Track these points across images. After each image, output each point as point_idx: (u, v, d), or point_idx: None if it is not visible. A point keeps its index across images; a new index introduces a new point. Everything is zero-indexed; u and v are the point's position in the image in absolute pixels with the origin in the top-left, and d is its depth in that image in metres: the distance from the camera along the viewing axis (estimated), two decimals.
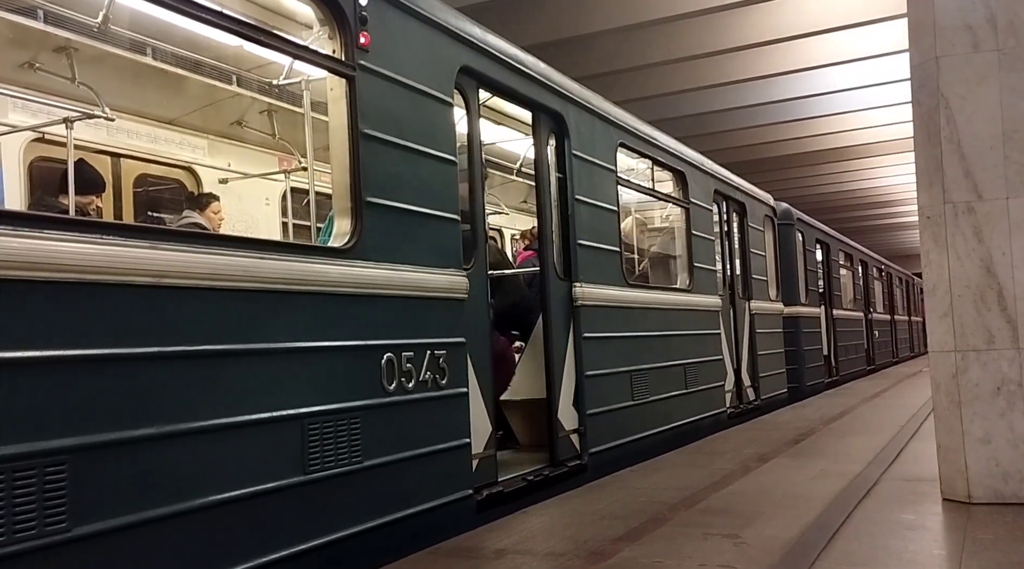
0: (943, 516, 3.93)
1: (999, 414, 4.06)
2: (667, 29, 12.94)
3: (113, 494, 2.58)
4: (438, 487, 4.04)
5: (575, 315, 5.55)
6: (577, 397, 5.52)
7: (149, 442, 2.70)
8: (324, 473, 3.37)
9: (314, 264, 3.44)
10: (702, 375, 7.72)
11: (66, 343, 2.49)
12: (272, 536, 3.13)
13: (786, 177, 23.85)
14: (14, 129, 5.29)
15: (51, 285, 2.45)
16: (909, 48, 4.38)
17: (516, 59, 5.15)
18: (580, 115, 5.86)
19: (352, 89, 3.70)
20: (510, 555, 3.52)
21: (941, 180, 4.16)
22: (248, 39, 3.52)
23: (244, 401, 3.07)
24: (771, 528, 3.76)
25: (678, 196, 7.88)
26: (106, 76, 5.29)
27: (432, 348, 4.05)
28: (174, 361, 2.82)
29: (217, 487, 2.92)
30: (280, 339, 3.25)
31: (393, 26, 4.00)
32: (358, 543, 3.48)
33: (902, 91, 14.74)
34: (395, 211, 3.91)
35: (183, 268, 2.85)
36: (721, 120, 17.78)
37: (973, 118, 4.13)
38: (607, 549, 3.55)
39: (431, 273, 4.10)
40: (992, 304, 4.08)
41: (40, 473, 2.37)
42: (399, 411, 3.82)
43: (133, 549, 2.63)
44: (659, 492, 4.71)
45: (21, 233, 2.38)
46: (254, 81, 6.10)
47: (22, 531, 2.31)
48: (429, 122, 4.23)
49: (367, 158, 3.74)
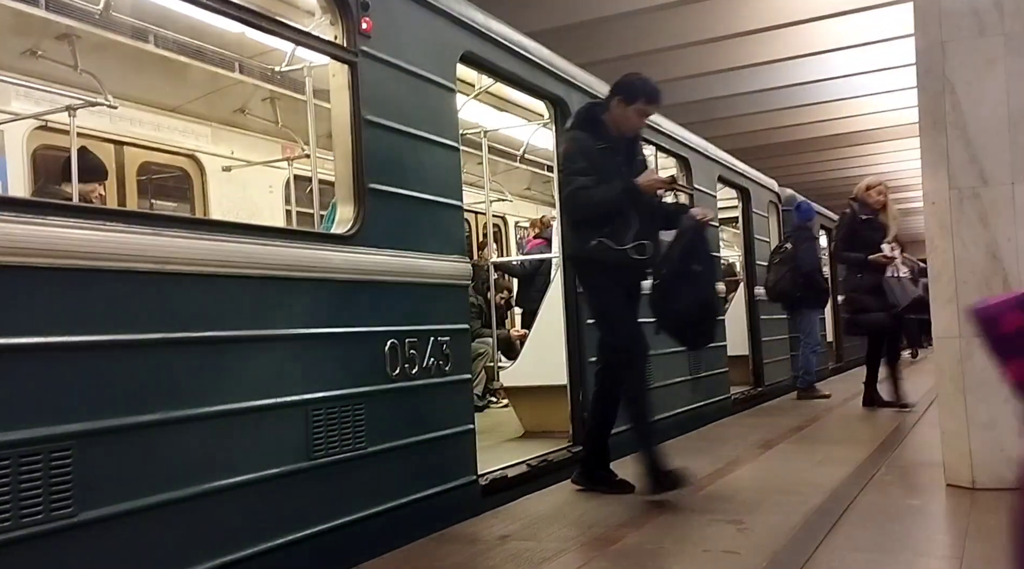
0: (947, 501, 3.93)
1: (1004, 400, 4.04)
2: (672, 15, 12.86)
3: (118, 479, 2.59)
4: (442, 473, 4.05)
5: (579, 301, 5.55)
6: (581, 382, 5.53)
7: (153, 428, 2.71)
8: (328, 459, 3.38)
9: (317, 251, 3.44)
10: (706, 362, 7.71)
11: (70, 330, 2.49)
12: (277, 522, 3.14)
13: (791, 163, 23.73)
14: (17, 117, 5.30)
15: (55, 272, 2.46)
16: (915, 33, 4.35)
17: (519, 45, 5.12)
18: (583, 101, 5.82)
19: (354, 75, 3.69)
20: (514, 541, 3.53)
21: (946, 166, 4.14)
22: (250, 26, 3.50)
23: (248, 388, 3.07)
24: (775, 514, 3.76)
25: (682, 182, 7.86)
26: (109, 64, 5.28)
27: (436, 334, 4.06)
28: (178, 348, 2.83)
29: (222, 473, 2.93)
30: (283, 326, 3.25)
31: (395, 12, 3.98)
32: (362, 529, 3.50)
33: (908, 76, 14.61)
34: (398, 198, 3.91)
35: (186, 255, 2.85)
36: (725, 106, 17.68)
37: (979, 103, 4.10)
38: (611, 535, 3.55)
39: (434, 259, 4.10)
40: (997, 290, 4.05)
41: (46, 458, 2.38)
42: (403, 397, 3.83)
43: (138, 534, 2.65)
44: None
45: (24, 220, 2.38)
46: (256, 68, 6.10)
47: (28, 516, 2.33)
48: (431, 108, 4.22)
49: (369, 145, 3.73)
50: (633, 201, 4.15)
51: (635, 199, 4.16)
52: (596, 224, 4.18)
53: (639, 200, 4.17)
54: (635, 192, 4.14)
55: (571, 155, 4.31)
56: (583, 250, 4.28)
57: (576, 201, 4.24)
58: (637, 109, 4.25)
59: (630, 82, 4.29)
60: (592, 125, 4.32)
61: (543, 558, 3.25)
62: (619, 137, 4.29)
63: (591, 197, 4.15)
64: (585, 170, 4.18)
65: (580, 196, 4.19)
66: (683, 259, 4.31)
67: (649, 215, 4.25)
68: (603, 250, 4.15)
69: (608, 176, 4.16)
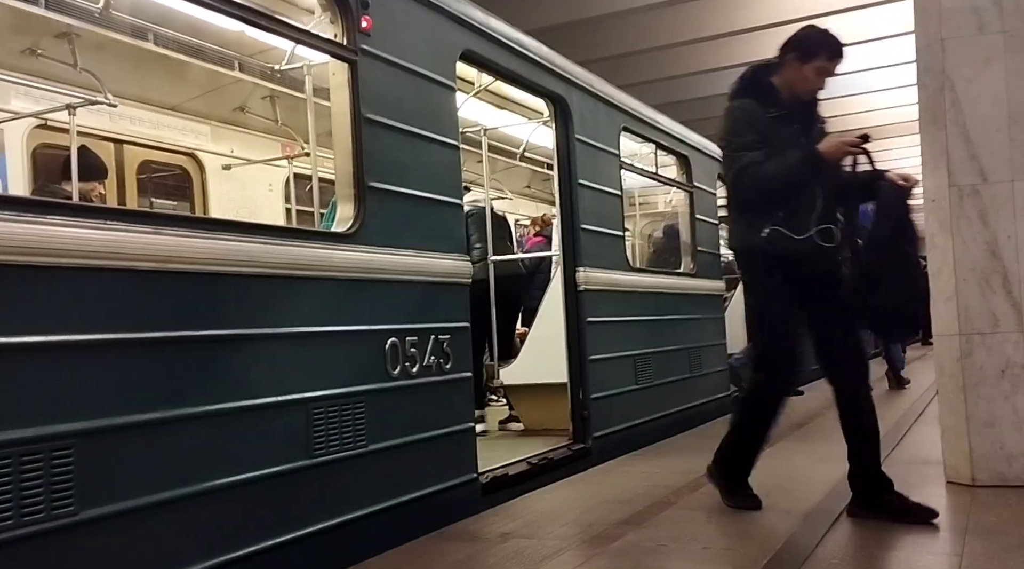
0: (947, 499, 3.93)
1: (1004, 397, 4.06)
2: (671, 12, 12.86)
3: (119, 478, 2.59)
4: (443, 471, 4.05)
5: (579, 299, 5.55)
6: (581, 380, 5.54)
7: (154, 427, 2.71)
8: (329, 457, 3.38)
9: (317, 249, 3.44)
10: (706, 359, 7.72)
11: (70, 329, 2.49)
12: (277, 520, 3.15)
13: None
14: (17, 116, 5.29)
15: (55, 271, 2.46)
16: (914, 30, 4.35)
17: (518, 43, 5.12)
18: (583, 99, 5.84)
19: (354, 74, 3.69)
20: (514, 539, 3.53)
21: (946, 163, 4.14)
22: (250, 24, 3.50)
23: (248, 386, 3.07)
24: (775, 511, 3.76)
25: (681, 180, 7.86)
26: (108, 62, 5.28)
27: (436, 333, 4.06)
28: (178, 346, 2.83)
29: (222, 472, 2.93)
30: (283, 324, 3.25)
31: (395, 10, 3.98)
32: (363, 527, 3.50)
33: (907, 73, 14.62)
34: (398, 196, 3.91)
35: (186, 253, 2.85)
36: (725, 104, 17.68)
37: (979, 100, 4.10)
38: (611, 533, 3.56)
39: (434, 258, 4.10)
40: (997, 287, 4.06)
41: (47, 457, 2.38)
42: (403, 395, 3.83)
43: (139, 532, 2.65)
44: (663, 476, 4.72)
45: (24, 219, 2.38)
46: (256, 67, 6.09)
47: (29, 514, 2.33)
48: (431, 106, 4.22)
49: (369, 143, 3.73)
50: (815, 173, 3.50)
51: (818, 171, 3.49)
52: (769, 207, 3.55)
53: (823, 172, 3.51)
54: (818, 161, 3.47)
55: (736, 128, 3.69)
56: (751, 241, 3.66)
57: (745, 180, 3.59)
58: (817, 67, 3.62)
59: (806, 36, 3.69)
60: (760, 91, 3.72)
61: (543, 556, 3.25)
62: (794, 102, 3.67)
63: (762, 174, 3.52)
64: (754, 144, 3.57)
65: (749, 174, 3.55)
66: (892, 241, 3.49)
67: (837, 190, 3.57)
68: (777, 241, 3.53)
69: (784, 149, 3.55)
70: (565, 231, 5.61)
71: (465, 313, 4.31)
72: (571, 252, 5.58)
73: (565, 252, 5.60)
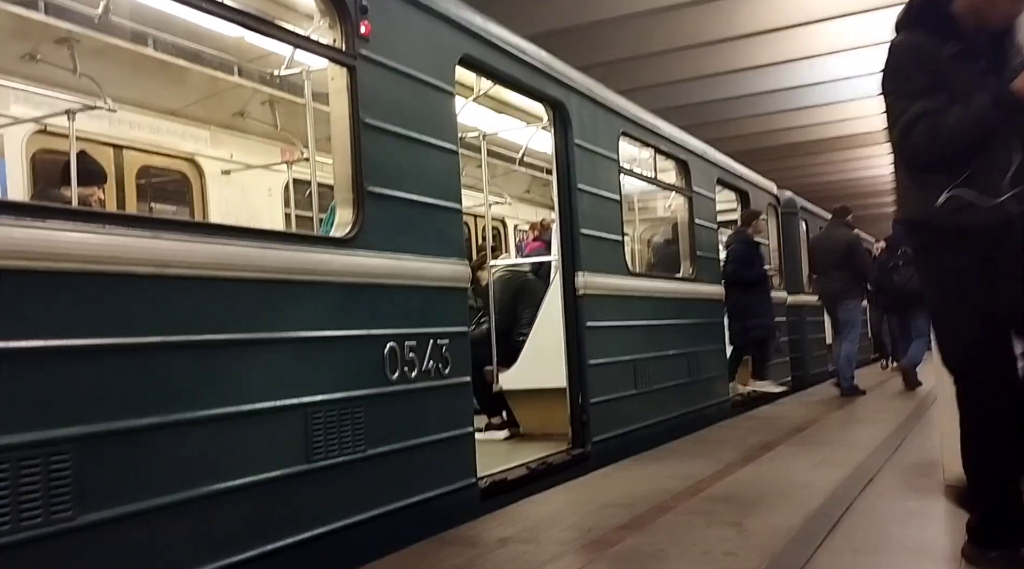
0: (946, 503, 3.93)
1: None
2: (671, 18, 12.89)
3: (117, 483, 2.59)
4: (441, 475, 4.05)
5: (578, 304, 5.55)
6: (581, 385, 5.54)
7: (152, 431, 2.71)
8: (328, 462, 3.38)
9: (316, 254, 3.44)
10: (705, 364, 7.72)
11: (69, 333, 2.49)
12: (276, 525, 3.14)
13: (790, 165, 23.76)
14: (16, 121, 5.30)
15: (54, 275, 2.46)
16: None
17: (517, 48, 5.13)
18: (582, 104, 5.85)
19: (353, 79, 3.70)
20: (513, 544, 3.53)
21: None
22: (249, 29, 3.52)
23: (247, 391, 3.07)
24: (774, 516, 3.77)
25: (680, 185, 7.87)
26: (108, 67, 5.28)
27: (435, 337, 4.06)
28: (176, 351, 2.83)
29: (221, 476, 2.93)
30: (282, 329, 3.25)
31: (394, 15, 3.99)
32: (362, 531, 3.50)
33: None
34: (397, 201, 3.91)
35: (185, 258, 2.85)
36: (724, 109, 17.71)
37: None
38: (610, 537, 3.56)
39: (433, 262, 4.10)
40: None
41: (45, 462, 2.38)
42: (402, 400, 3.83)
43: (137, 537, 2.65)
44: (662, 481, 4.72)
45: (24, 224, 2.39)
46: (256, 72, 6.10)
47: (27, 519, 2.33)
48: (430, 111, 4.23)
49: (368, 148, 3.74)
50: (1010, 121, 2.73)
51: (1013, 117, 2.71)
52: (948, 167, 2.76)
53: (1020, 118, 2.72)
54: (1012, 105, 2.67)
55: (903, 70, 2.90)
56: (924, 212, 2.86)
57: (917, 135, 2.80)
58: None
59: None
60: (934, 22, 2.90)
61: (542, 561, 3.25)
62: (980, 34, 2.85)
63: (940, 125, 2.74)
64: (926, 89, 2.79)
65: (923, 127, 2.77)
66: None
67: None
68: (960, 209, 2.72)
69: (967, 94, 2.76)
70: (564, 236, 5.62)
71: (464, 317, 4.31)
72: (570, 257, 5.59)
73: (564, 257, 5.61)
